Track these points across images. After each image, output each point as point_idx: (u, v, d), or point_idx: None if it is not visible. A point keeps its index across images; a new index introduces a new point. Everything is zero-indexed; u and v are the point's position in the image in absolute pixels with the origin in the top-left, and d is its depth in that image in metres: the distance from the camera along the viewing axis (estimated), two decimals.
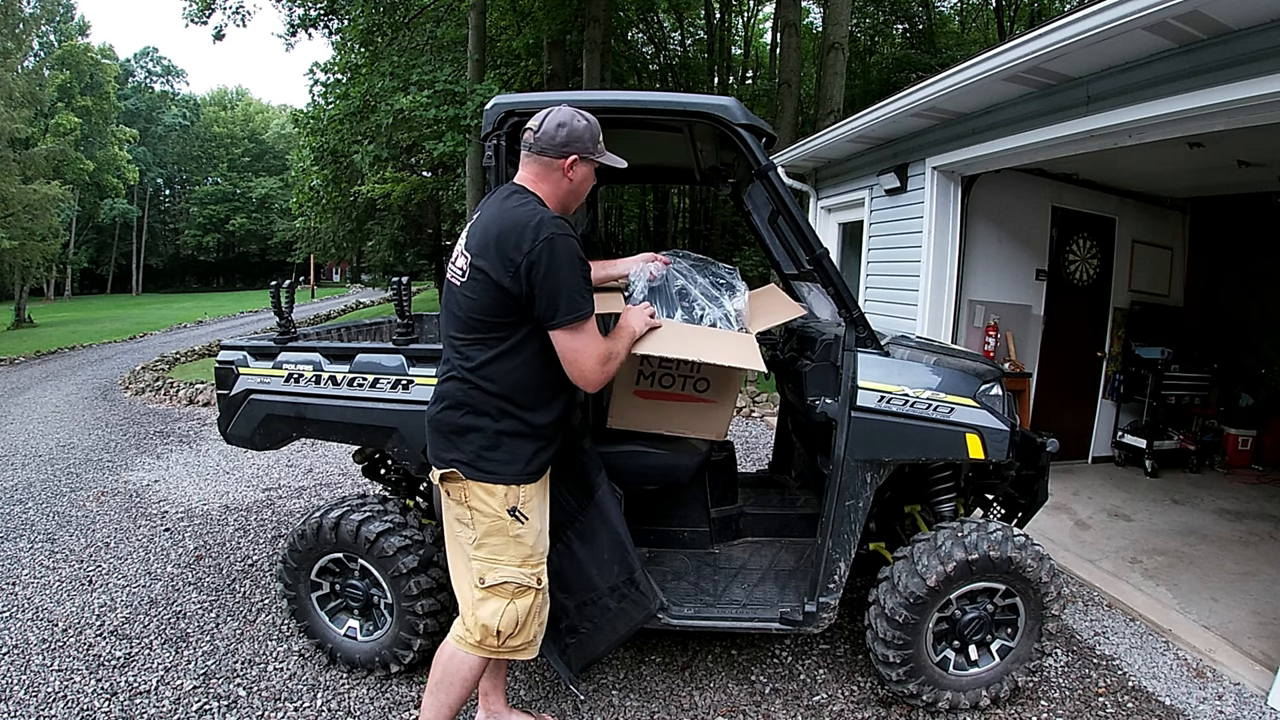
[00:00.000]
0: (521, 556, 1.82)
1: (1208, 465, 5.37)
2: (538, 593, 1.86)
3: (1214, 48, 2.69)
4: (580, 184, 1.84)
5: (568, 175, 1.80)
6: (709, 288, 2.19)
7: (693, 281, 2.19)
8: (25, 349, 12.84)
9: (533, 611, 1.86)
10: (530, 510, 1.82)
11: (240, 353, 2.54)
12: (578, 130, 1.77)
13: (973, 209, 4.74)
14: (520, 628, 1.84)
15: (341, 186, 16.39)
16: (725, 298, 2.19)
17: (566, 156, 1.77)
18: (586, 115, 1.80)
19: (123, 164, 34.88)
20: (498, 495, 1.77)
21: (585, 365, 1.73)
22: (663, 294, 2.16)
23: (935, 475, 2.53)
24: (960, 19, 19.07)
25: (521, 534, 1.81)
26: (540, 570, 1.87)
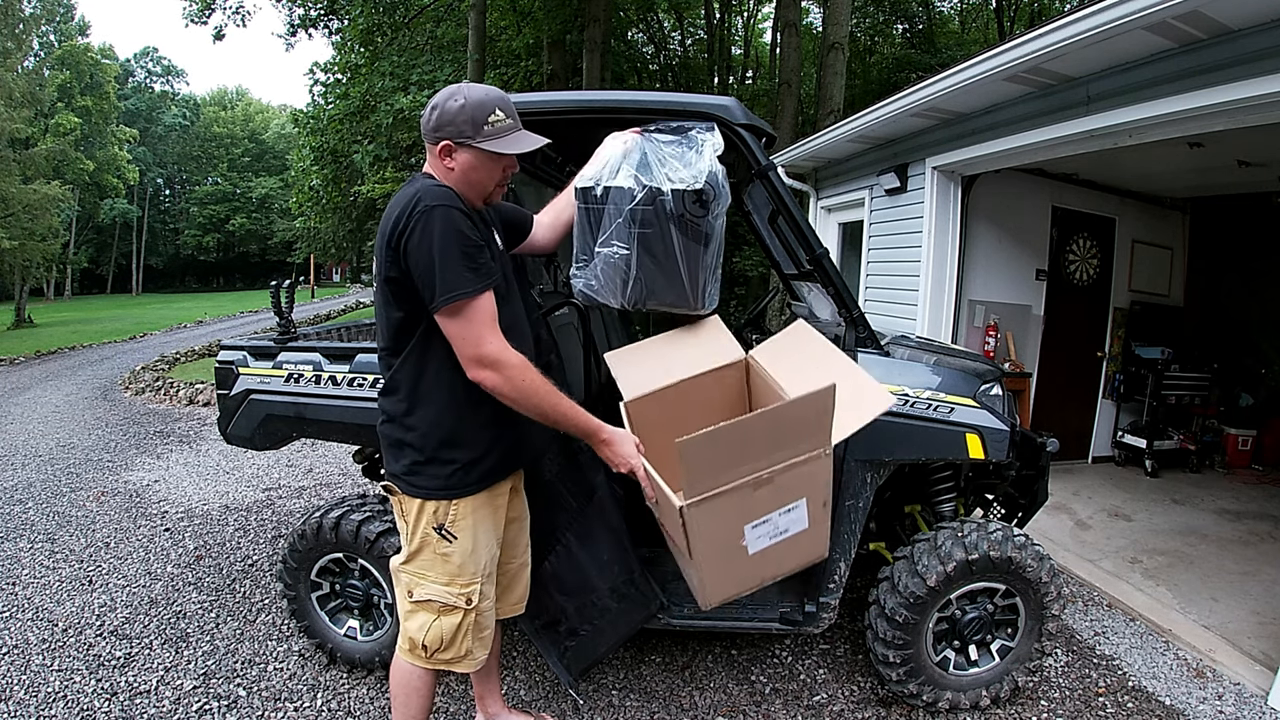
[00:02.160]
0: (449, 575, 1.70)
1: (1208, 465, 5.37)
2: (467, 613, 1.73)
3: (1214, 48, 2.69)
4: (469, 173, 1.60)
5: (444, 163, 1.59)
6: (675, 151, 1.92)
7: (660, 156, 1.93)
8: (25, 349, 12.83)
9: (462, 629, 1.74)
10: (460, 529, 1.68)
11: (240, 353, 2.54)
12: (448, 113, 1.56)
13: (973, 209, 4.74)
14: (448, 644, 1.74)
15: (341, 186, 16.38)
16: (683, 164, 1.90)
17: (437, 143, 1.59)
18: (471, 94, 1.57)
19: (123, 164, 34.86)
20: (426, 511, 1.67)
21: (467, 354, 1.53)
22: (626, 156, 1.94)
23: (935, 475, 2.53)
24: (960, 19, 19.05)
25: (449, 553, 1.69)
26: (471, 590, 1.72)
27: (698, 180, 1.83)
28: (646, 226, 1.84)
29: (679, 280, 1.88)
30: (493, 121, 1.57)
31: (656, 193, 1.81)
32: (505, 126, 1.59)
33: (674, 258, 1.86)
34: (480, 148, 1.57)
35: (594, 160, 1.97)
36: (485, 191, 1.65)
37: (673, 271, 1.87)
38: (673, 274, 1.87)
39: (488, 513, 1.74)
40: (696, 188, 1.83)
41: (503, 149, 1.58)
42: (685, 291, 1.89)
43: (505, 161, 1.62)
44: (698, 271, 1.88)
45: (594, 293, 1.91)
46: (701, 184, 1.82)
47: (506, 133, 1.60)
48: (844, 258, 6.36)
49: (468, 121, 1.56)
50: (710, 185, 1.83)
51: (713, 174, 1.86)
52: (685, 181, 1.82)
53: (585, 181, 1.90)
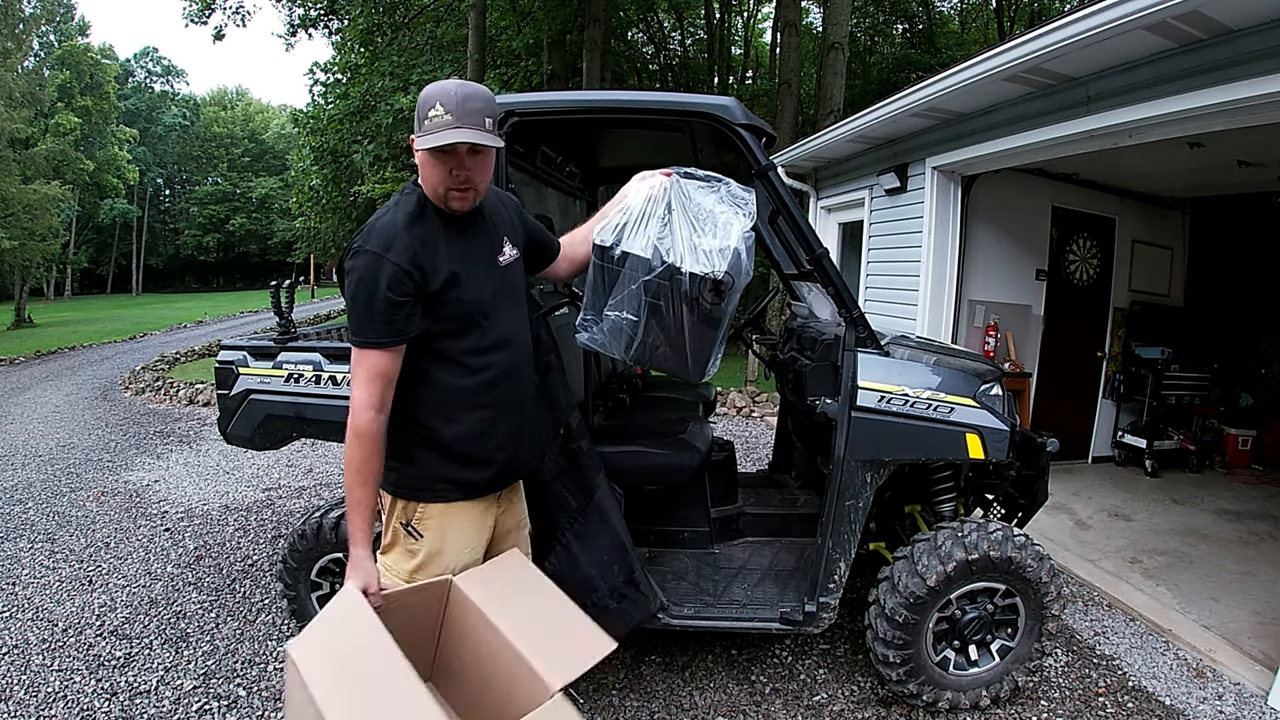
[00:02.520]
0: (409, 573, 1.66)
1: (1208, 465, 5.37)
2: None
3: (1214, 48, 2.69)
4: (423, 171, 1.53)
5: (415, 158, 1.53)
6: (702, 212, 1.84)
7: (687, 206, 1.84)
8: (25, 349, 12.83)
9: None
10: (427, 528, 1.65)
11: (240, 353, 2.54)
12: (417, 105, 1.50)
13: (973, 209, 4.74)
14: None
15: (341, 186, 16.38)
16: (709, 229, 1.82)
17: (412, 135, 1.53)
18: (429, 88, 1.49)
19: (123, 164, 34.85)
20: (396, 506, 1.67)
21: (352, 389, 1.53)
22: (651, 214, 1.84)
23: (935, 475, 2.53)
24: (960, 19, 19.05)
25: (414, 549, 1.66)
26: None
27: (719, 266, 1.74)
28: (659, 299, 1.78)
29: (683, 352, 1.84)
30: (432, 116, 1.45)
31: (674, 270, 1.74)
32: (441, 123, 1.45)
33: (682, 334, 1.81)
34: (415, 144, 1.50)
35: (617, 208, 1.86)
36: (438, 194, 1.55)
37: (678, 345, 1.83)
38: (678, 347, 1.83)
39: (462, 520, 1.68)
40: (716, 277, 1.74)
41: (422, 143, 1.47)
42: (686, 364, 1.85)
43: (450, 162, 1.49)
44: (703, 349, 1.84)
45: (598, 346, 1.86)
46: (722, 273, 1.74)
47: (440, 128, 1.45)
48: (844, 258, 6.36)
49: (417, 118, 1.49)
50: (731, 273, 1.75)
51: (737, 258, 1.77)
52: (705, 265, 1.74)
53: (604, 237, 1.81)
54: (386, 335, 1.50)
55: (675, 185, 1.85)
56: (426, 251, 1.52)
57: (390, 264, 1.47)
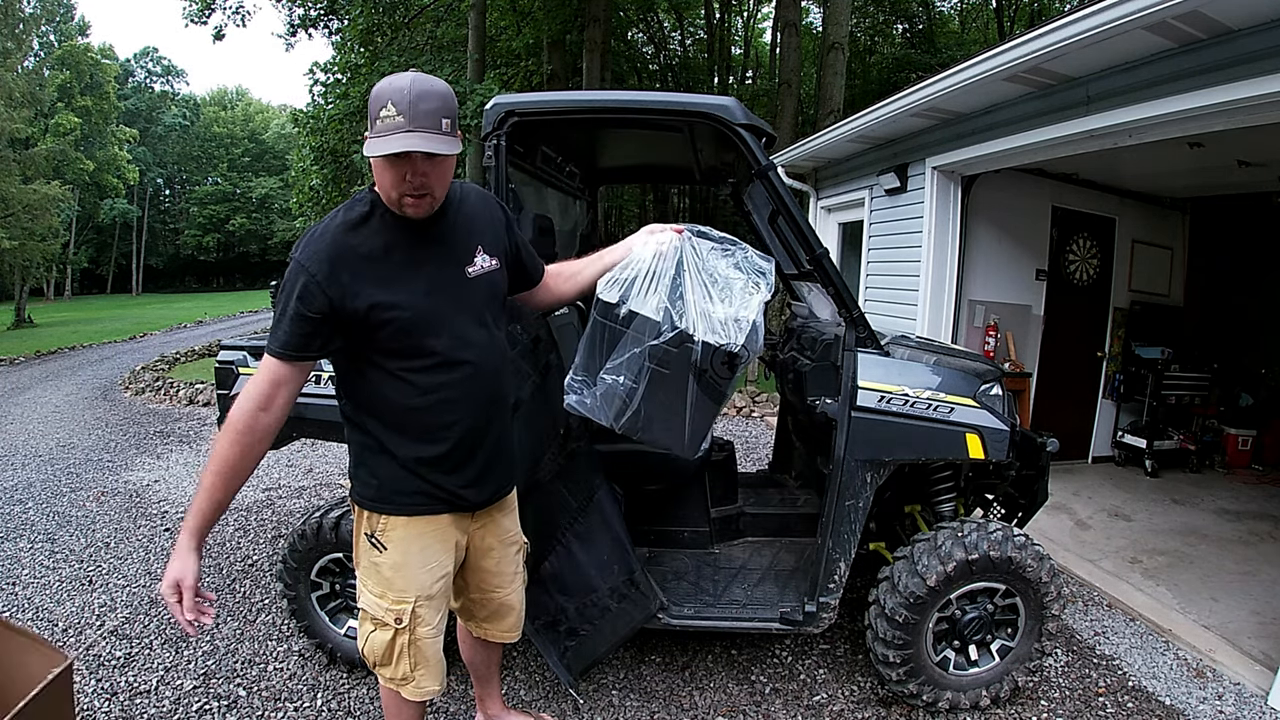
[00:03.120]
0: (380, 587, 1.59)
1: (1208, 465, 5.37)
2: (398, 632, 1.60)
3: (1214, 48, 2.69)
4: (376, 175, 1.43)
5: None
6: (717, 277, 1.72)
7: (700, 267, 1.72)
8: (25, 349, 12.84)
9: (396, 649, 1.61)
10: (390, 540, 1.58)
11: (240, 353, 2.55)
12: (370, 103, 1.39)
13: (973, 209, 4.74)
14: (383, 661, 1.63)
15: (341, 186, 16.36)
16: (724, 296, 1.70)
17: None
18: (379, 85, 1.38)
19: (123, 164, 34.85)
20: (361, 517, 1.61)
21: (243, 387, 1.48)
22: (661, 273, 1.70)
23: (935, 475, 2.53)
24: (960, 19, 19.06)
25: (378, 563, 1.59)
26: (401, 609, 1.58)
27: (735, 338, 1.63)
28: (664, 366, 1.64)
29: (680, 426, 1.71)
30: (383, 116, 1.34)
31: (686, 337, 1.60)
32: (391, 124, 1.33)
33: (682, 406, 1.68)
34: (365, 150, 1.39)
35: (622, 263, 1.72)
36: (391, 198, 1.44)
37: (676, 417, 1.70)
38: (675, 419, 1.70)
39: (426, 534, 1.60)
40: (732, 350, 1.63)
41: (369, 150, 1.37)
42: (682, 438, 1.72)
43: (403, 168, 1.37)
44: (701, 423, 1.72)
45: (585, 411, 1.71)
46: (738, 346, 1.63)
47: (389, 131, 1.34)
48: (844, 258, 6.36)
49: (369, 117, 1.38)
50: (748, 347, 1.64)
51: (754, 332, 1.65)
52: (721, 336, 1.62)
53: (609, 293, 1.66)
54: (288, 348, 1.43)
55: (687, 244, 1.72)
56: (358, 266, 1.43)
57: (308, 276, 1.39)
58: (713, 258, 1.73)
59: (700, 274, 1.69)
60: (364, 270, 1.44)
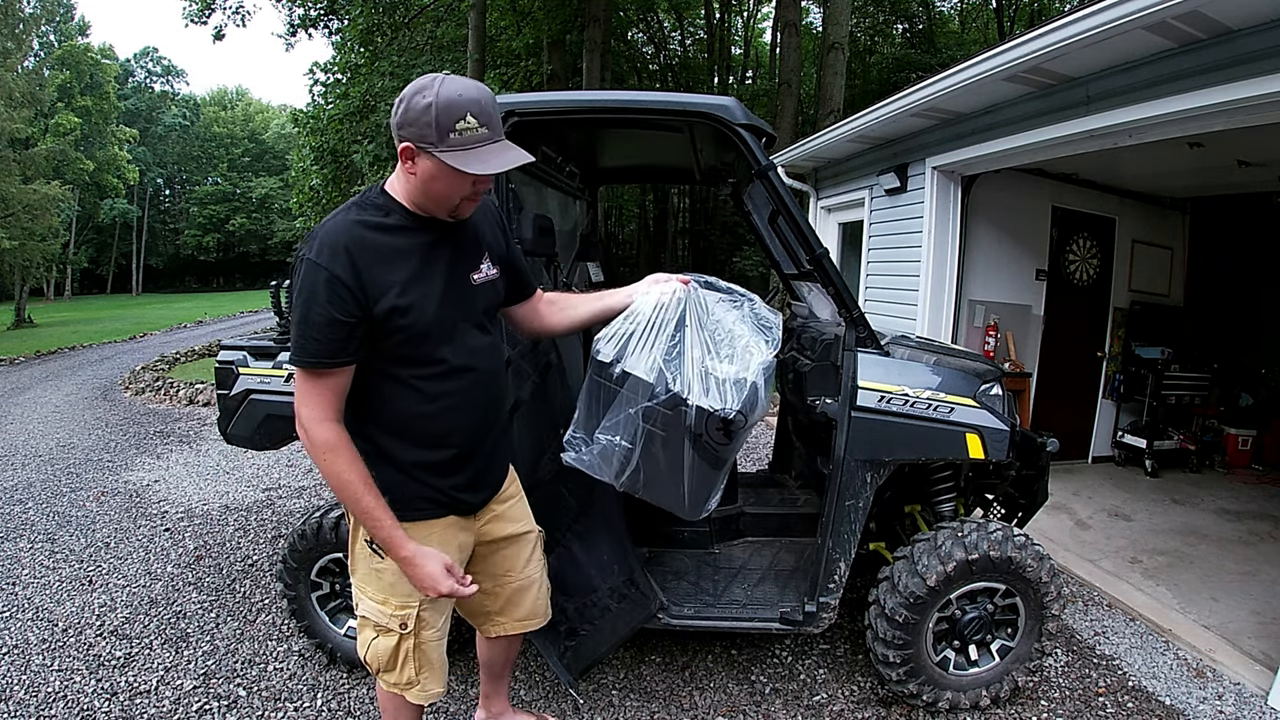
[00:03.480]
0: (383, 594, 1.57)
1: (1208, 465, 5.37)
2: (403, 637, 1.58)
3: (1214, 48, 2.69)
4: (429, 184, 1.38)
5: (406, 168, 1.39)
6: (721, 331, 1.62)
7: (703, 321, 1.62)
8: (25, 349, 12.83)
9: (401, 654, 1.59)
10: None
11: (240, 353, 2.54)
12: (413, 111, 1.32)
13: (973, 209, 4.74)
14: (387, 666, 1.60)
15: (341, 186, 16.35)
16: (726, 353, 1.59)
17: (401, 141, 1.37)
18: (443, 91, 1.32)
19: (123, 164, 34.86)
20: (359, 523, 1.55)
21: (296, 409, 1.42)
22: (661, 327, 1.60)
23: (935, 475, 2.53)
24: (960, 19, 19.06)
25: (380, 569, 1.55)
26: (406, 615, 1.56)
27: (731, 403, 1.53)
28: (659, 428, 1.57)
29: (680, 488, 1.62)
30: (460, 129, 1.32)
31: (679, 400, 1.51)
32: (475, 136, 1.33)
33: (679, 469, 1.60)
34: (441, 159, 1.33)
35: (622, 314, 1.65)
36: (450, 206, 1.43)
37: (675, 480, 1.62)
38: (674, 481, 1.62)
39: (429, 538, 1.55)
40: (726, 416, 1.53)
41: (465, 166, 1.33)
42: (682, 500, 1.63)
43: (474, 176, 1.37)
44: (701, 488, 1.62)
45: (584, 468, 1.65)
46: (734, 412, 1.53)
47: (476, 144, 1.34)
48: (844, 258, 6.36)
49: (431, 125, 1.31)
50: (744, 412, 1.54)
51: (754, 394, 1.55)
52: (716, 400, 1.52)
53: (604, 351, 1.59)
54: (322, 355, 1.37)
55: (693, 295, 1.62)
56: (378, 268, 1.39)
57: (329, 275, 1.34)
58: (719, 309, 1.63)
59: (703, 329, 1.60)
60: (381, 273, 1.39)
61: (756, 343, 1.60)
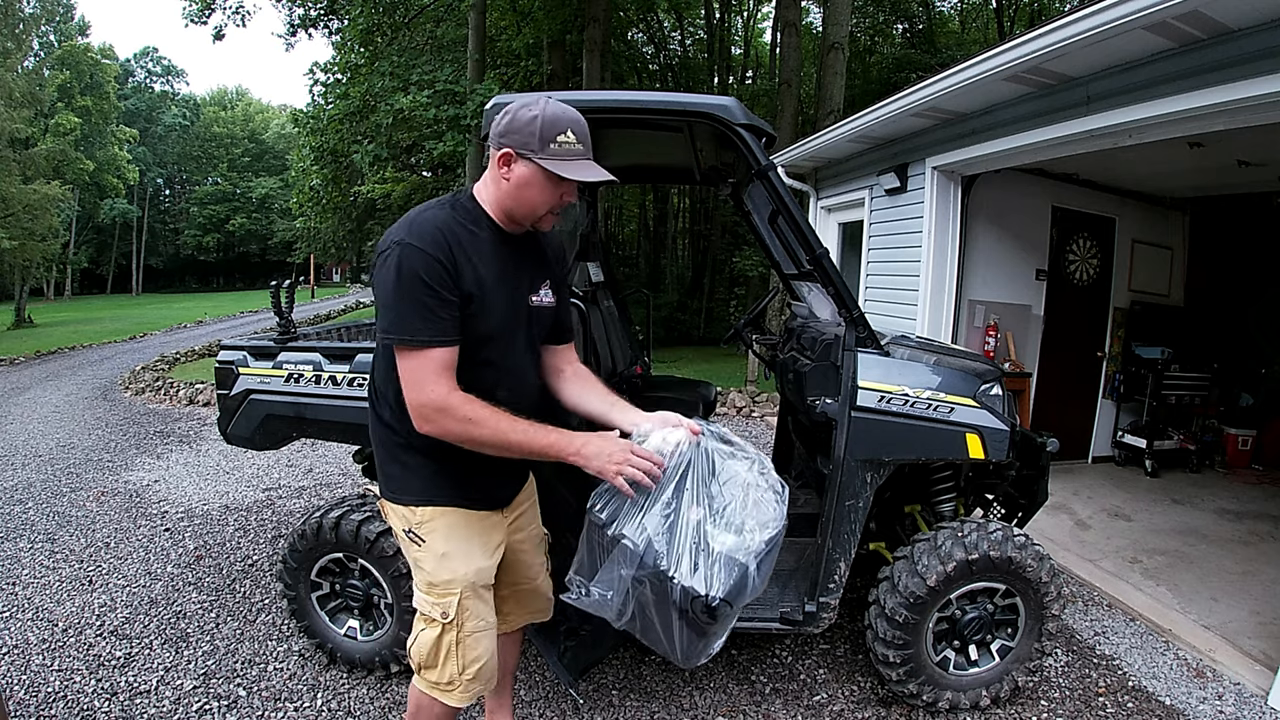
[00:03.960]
0: (425, 582, 1.61)
1: (1208, 465, 5.37)
2: (445, 628, 1.59)
3: (1214, 48, 2.69)
4: (522, 189, 1.50)
5: (502, 173, 1.50)
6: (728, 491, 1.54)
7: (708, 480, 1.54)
8: (25, 349, 12.83)
9: (444, 649, 1.60)
10: (428, 532, 1.59)
11: (240, 353, 2.54)
12: (519, 121, 1.46)
13: (973, 209, 4.74)
14: (429, 662, 1.61)
15: (341, 186, 16.40)
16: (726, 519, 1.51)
17: (500, 148, 1.49)
18: (548, 109, 1.47)
19: (123, 164, 34.89)
20: (397, 514, 1.63)
21: (409, 399, 1.46)
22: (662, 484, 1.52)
23: (935, 475, 2.53)
24: (960, 19, 19.05)
25: (419, 558, 1.61)
26: (447, 603, 1.58)
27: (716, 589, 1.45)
28: (649, 593, 1.52)
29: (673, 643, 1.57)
30: (561, 142, 1.46)
31: (664, 576, 1.46)
32: (572, 150, 1.48)
33: (670, 629, 1.54)
34: (541, 164, 1.46)
35: None
36: (535, 214, 1.54)
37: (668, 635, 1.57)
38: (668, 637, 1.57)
39: (463, 526, 1.62)
40: (710, 603, 1.45)
41: (564, 171, 1.46)
42: (676, 653, 1.58)
43: (563, 187, 1.51)
44: (691, 651, 1.57)
45: (586, 608, 1.60)
46: (717, 600, 1.44)
47: (573, 157, 1.48)
48: (844, 258, 6.36)
49: (535, 134, 1.45)
50: (730, 599, 1.45)
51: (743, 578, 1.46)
52: (702, 583, 1.44)
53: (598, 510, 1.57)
54: (444, 334, 1.44)
55: (700, 450, 1.55)
56: (465, 258, 1.48)
57: (429, 256, 1.42)
58: (730, 466, 1.56)
59: (706, 487, 1.53)
60: (467, 263, 1.48)
61: (765, 512, 1.52)
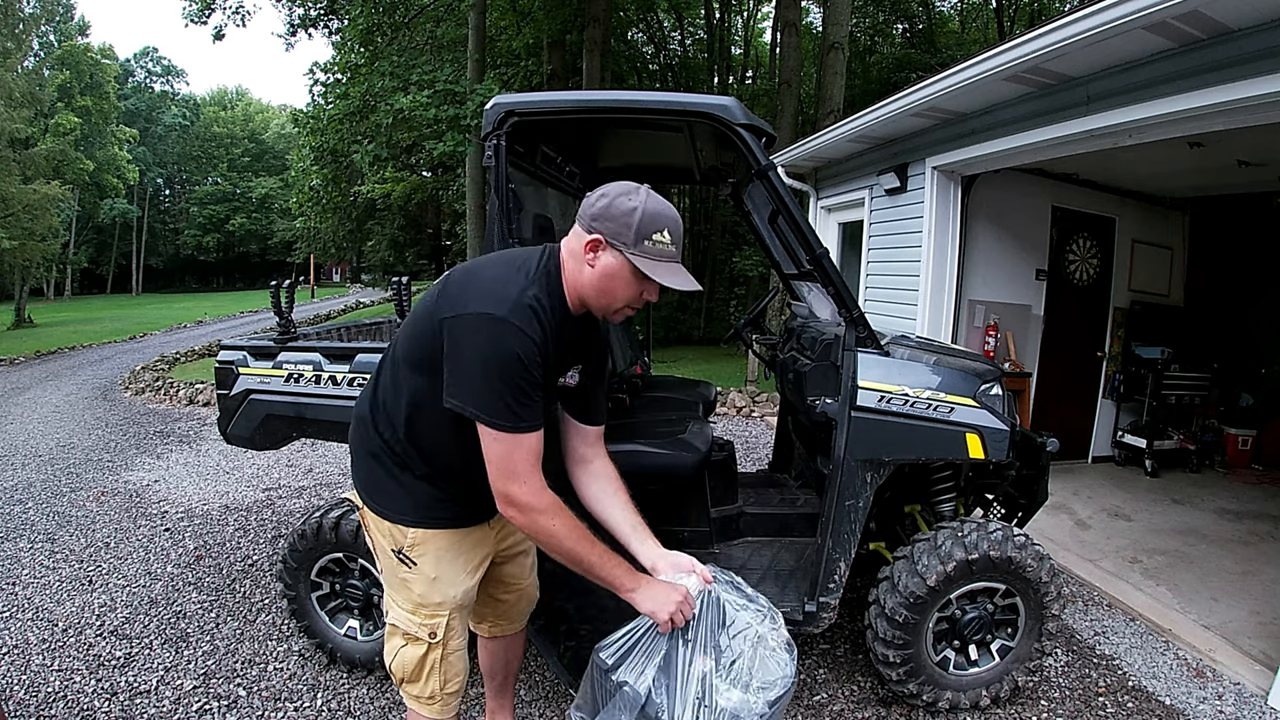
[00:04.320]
0: (412, 603, 1.59)
1: (1208, 465, 5.37)
2: (431, 647, 1.59)
3: (1214, 48, 2.69)
4: (606, 280, 1.43)
5: (588, 258, 1.43)
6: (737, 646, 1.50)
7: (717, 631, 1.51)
8: (25, 349, 12.83)
9: (428, 666, 1.60)
10: (419, 555, 1.56)
11: (240, 353, 2.54)
12: (617, 209, 1.40)
13: (973, 209, 4.74)
14: (412, 677, 1.62)
15: (341, 186, 16.40)
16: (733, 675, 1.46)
17: (590, 231, 1.41)
18: (650, 204, 1.40)
19: (123, 164, 34.87)
20: (384, 531, 1.58)
21: (499, 487, 1.42)
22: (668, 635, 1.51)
23: (935, 475, 2.53)
24: (960, 19, 19.05)
25: (408, 579, 1.57)
26: (436, 624, 1.58)
27: None
28: None
29: None
30: (655, 240, 1.41)
31: None
32: (665, 251, 1.42)
33: None
34: (632, 260, 1.40)
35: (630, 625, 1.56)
36: (612, 307, 1.48)
37: None
38: None
39: (454, 545, 1.60)
40: None
41: (654, 274, 1.40)
42: None
43: (647, 285, 1.44)
44: None
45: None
46: None
47: (665, 259, 1.42)
48: (844, 258, 6.35)
49: (631, 227, 1.39)
50: None
51: None
52: None
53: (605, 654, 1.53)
54: (533, 417, 1.40)
55: (711, 598, 1.51)
56: (550, 346, 1.43)
57: (529, 341, 1.37)
58: (742, 617, 1.51)
59: (713, 637, 1.48)
60: (547, 356, 1.43)
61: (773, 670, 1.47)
